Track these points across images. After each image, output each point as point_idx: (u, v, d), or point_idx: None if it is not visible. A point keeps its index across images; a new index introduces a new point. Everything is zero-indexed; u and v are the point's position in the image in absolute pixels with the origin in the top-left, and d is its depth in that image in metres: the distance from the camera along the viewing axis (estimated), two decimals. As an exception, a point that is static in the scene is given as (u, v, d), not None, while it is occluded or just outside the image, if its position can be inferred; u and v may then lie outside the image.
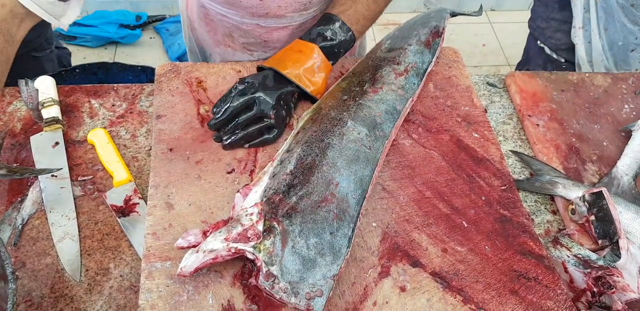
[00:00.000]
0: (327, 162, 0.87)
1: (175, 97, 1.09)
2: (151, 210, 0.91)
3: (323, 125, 0.93)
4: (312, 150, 0.89)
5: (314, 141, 0.90)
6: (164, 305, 0.80)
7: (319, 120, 0.95)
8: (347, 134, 0.92)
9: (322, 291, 0.76)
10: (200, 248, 0.78)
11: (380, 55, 1.12)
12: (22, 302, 0.84)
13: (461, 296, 0.85)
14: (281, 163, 0.88)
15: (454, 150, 1.05)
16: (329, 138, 0.90)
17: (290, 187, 0.83)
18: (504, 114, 1.22)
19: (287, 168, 0.86)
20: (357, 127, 0.93)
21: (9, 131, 1.07)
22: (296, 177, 0.85)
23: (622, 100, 1.24)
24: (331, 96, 1.01)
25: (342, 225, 0.82)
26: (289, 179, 0.85)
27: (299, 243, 0.79)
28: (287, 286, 0.75)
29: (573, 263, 0.91)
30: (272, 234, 0.78)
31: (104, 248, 0.92)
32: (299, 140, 0.92)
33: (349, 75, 1.08)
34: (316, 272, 0.77)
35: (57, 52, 1.56)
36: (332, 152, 0.89)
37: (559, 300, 0.85)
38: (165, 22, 2.88)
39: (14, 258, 0.89)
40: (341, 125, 0.93)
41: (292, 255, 0.77)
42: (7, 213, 0.95)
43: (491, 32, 3.02)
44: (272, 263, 0.76)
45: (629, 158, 1.10)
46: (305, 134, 0.92)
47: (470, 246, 0.91)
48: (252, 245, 0.77)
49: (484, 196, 0.98)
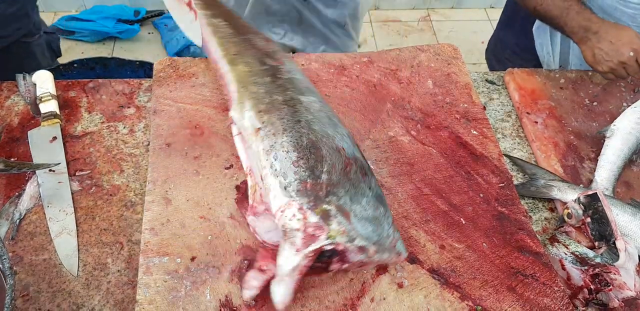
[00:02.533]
0: (321, 135, 0.86)
1: (173, 92, 1.09)
2: (149, 205, 0.91)
3: (282, 110, 0.91)
4: (299, 131, 0.87)
5: (291, 125, 0.87)
6: (162, 300, 0.80)
7: (272, 109, 0.91)
8: (310, 107, 0.91)
9: (396, 236, 0.80)
10: (280, 275, 0.76)
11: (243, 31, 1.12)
12: (20, 297, 0.84)
13: (459, 293, 0.85)
14: (277, 160, 0.87)
15: (453, 147, 1.05)
16: (303, 116, 0.89)
17: (311, 170, 0.82)
18: (502, 111, 1.22)
19: (290, 159, 0.85)
20: (308, 97, 0.94)
21: (6, 125, 1.07)
22: (309, 159, 0.84)
23: (621, 98, 1.24)
24: (249, 84, 0.98)
25: (370, 177, 0.84)
26: (303, 164, 0.84)
27: (357, 209, 0.79)
28: (376, 247, 0.77)
29: (570, 261, 0.91)
30: (331, 216, 0.78)
31: (101, 243, 0.92)
32: (272, 133, 0.88)
33: (234, 59, 1.03)
34: (383, 224, 0.80)
35: (46, 37, 1.54)
36: (317, 126, 0.88)
37: (556, 297, 0.86)
38: (163, 17, 2.87)
39: (12, 252, 0.89)
40: (298, 102, 0.92)
41: (360, 222, 0.78)
42: (5, 207, 0.94)
43: (490, 30, 3.01)
44: (353, 239, 0.76)
45: (606, 170, 1.07)
46: (274, 126, 0.88)
47: (468, 243, 0.91)
48: (325, 238, 0.76)
49: (482, 193, 0.98)
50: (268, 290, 0.82)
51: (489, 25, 3.04)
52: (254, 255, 0.86)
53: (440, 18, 3.11)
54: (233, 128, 0.94)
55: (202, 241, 0.87)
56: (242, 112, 0.90)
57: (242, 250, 0.86)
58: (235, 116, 0.92)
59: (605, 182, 1.06)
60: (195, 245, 0.87)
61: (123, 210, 0.96)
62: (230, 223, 0.90)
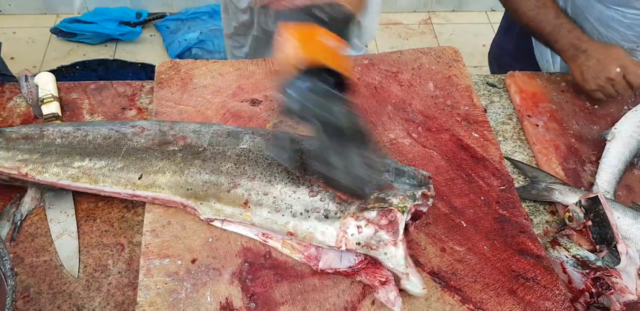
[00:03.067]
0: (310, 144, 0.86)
1: (175, 94, 1.09)
2: (150, 207, 0.91)
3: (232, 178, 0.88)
4: (271, 171, 0.86)
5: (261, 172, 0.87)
6: (162, 302, 0.80)
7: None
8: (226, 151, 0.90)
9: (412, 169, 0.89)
10: (402, 272, 0.79)
11: None
12: (20, 298, 0.84)
13: (459, 296, 0.85)
14: (298, 203, 0.84)
15: (454, 150, 1.05)
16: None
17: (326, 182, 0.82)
18: (503, 114, 1.22)
19: (297, 192, 0.84)
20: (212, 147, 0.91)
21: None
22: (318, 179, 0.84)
23: (622, 101, 1.24)
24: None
25: (367, 142, 0.83)
26: (316, 189, 0.83)
27: (386, 176, 0.85)
28: (426, 187, 0.86)
29: (572, 264, 0.91)
30: (383, 198, 0.81)
31: (102, 244, 0.92)
32: (258, 203, 0.86)
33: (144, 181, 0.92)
34: (406, 169, 0.88)
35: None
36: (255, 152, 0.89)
37: (557, 300, 0.85)
38: (165, 20, 2.87)
39: (13, 254, 0.89)
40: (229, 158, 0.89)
41: (399, 183, 0.84)
42: (6, 209, 0.95)
43: (491, 33, 3.01)
44: (415, 196, 0.83)
45: (608, 174, 1.06)
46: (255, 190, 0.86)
47: (468, 246, 0.91)
48: (400, 215, 0.80)
49: (483, 196, 0.98)
50: (269, 291, 0.82)
51: (489, 28, 3.05)
52: (254, 257, 0.86)
53: (441, 21, 3.12)
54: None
55: (202, 244, 0.87)
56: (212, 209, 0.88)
57: (243, 252, 0.86)
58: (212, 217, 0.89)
59: (606, 185, 1.06)
60: (196, 247, 0.87)
61: (124, 212, 0.96)
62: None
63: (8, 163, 0.91)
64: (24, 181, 0.93)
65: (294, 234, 0.83)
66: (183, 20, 2.82)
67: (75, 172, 0.90)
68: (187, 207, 0.89)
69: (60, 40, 2.76)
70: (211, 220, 0.88)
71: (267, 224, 0.84)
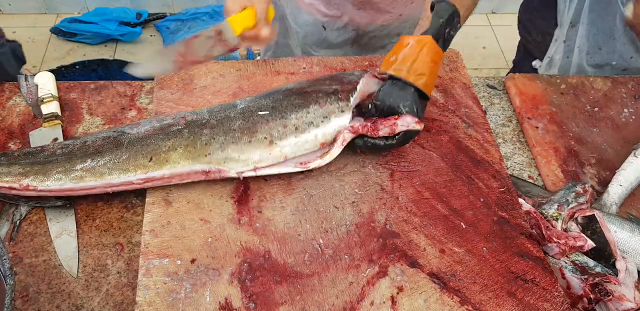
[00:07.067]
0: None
1: (174, 95, 1.09)
2: (149, 207, 0.91)
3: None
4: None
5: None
6: (162, 302, 0.80)
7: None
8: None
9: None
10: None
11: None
12: (19, 298, 0.84)
13: (458, 297, 0.85)
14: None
15: (453, 151, 1.05)
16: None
17: None
18: (503, 116, 1.22)
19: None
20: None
21: (7, 126, 1.07)
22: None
23: (622, 104, 1.24)
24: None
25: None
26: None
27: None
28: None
29: (570, 270, 0.91)
30: None
31: (101, 244, 0.92)
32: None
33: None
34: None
35: (10, 45, 1.52)
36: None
37: (556, 302, 0.86)
38: (165, 20, 2.88)
39: (12, 253, 0.89)
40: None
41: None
42: (5, 208, 0.94)
43: (491, 35, 3.02)
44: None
45: (623, 188, 1.06)
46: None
47: (468, 247, 0.91)
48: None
49: (483, 197, 0.98)
50: (268, 292, 0.82)
51: (490, 31, 3.05)
52: (253, 258, 0.86)
53: (442, 23, 3.12)
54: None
55: (202, 244, 0.87)
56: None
57: (242, 252, 0.86)
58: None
59: (616, 197, 1.05)
60: (195, 247, 0.87)
61: (123, 212, 0.96)
62: (230, 225, 0.90)
63: (8, 178, 0.89)
64: (18, 197, 0.93)
65: (324, 143, 0.95)
66: (183, 20, 2.82)
67: (79, 173, 0.89)
68: (210, 172, 0.91)
69: (60, 40, 2.76)
70: (241, 172, 0.91)
71: (299, 147, 0.93)
